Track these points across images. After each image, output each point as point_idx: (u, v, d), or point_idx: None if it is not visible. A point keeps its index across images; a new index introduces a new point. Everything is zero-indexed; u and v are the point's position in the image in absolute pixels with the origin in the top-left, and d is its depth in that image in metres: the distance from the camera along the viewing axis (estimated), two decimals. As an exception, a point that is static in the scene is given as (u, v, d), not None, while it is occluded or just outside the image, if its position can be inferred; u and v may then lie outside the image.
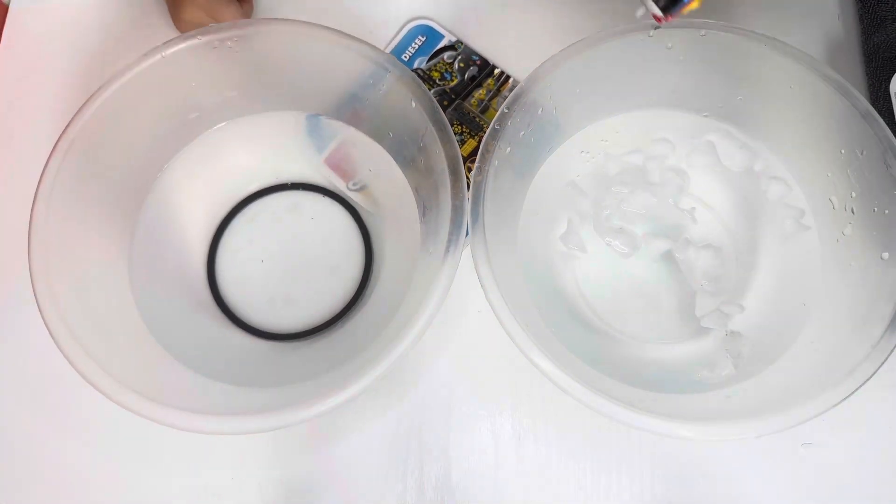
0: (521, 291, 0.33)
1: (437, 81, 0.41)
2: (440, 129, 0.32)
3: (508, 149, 0.32)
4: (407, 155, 0.35)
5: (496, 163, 0.31)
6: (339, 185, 0.39)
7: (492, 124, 0.32)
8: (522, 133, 0.33)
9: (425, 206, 0.34)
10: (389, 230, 0.38)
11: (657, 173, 0.36)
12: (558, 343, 0.32)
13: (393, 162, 0.36)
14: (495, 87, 0.41)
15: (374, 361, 0.28)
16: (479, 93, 0.41)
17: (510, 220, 0.34)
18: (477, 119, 0.41)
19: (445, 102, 0.41)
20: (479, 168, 0.31)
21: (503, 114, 0.32)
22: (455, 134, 0.39)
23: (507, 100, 0.32)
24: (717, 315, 0.34)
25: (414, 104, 0.32)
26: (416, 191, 0.35)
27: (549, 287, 0.36)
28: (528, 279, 0.34)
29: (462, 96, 0.41)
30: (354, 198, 0.38)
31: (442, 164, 0.31)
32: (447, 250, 0.30)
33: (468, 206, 0.30)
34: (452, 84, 0.41)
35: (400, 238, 0.37)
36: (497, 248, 0.31)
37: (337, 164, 0.39)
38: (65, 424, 0.36)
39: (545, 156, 0.36)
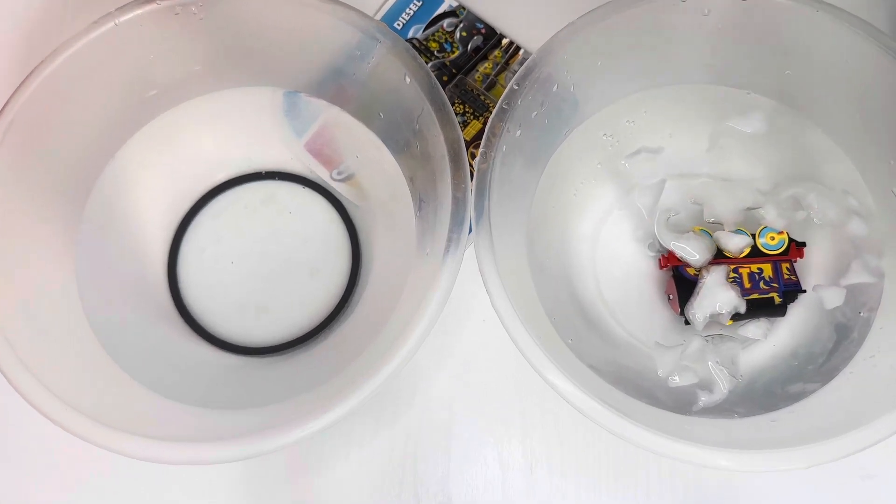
0: (533, 297, 0.33)
1: (435, 53, 0.41)
2: (439, 109, 0.31)
3: (518, 131, 0.32)
4: (400, 139, 0.35)
5: (504, 148, 0.31)
6: (321, 173, 0.39)
7: (499, 103, 0.31)
8: (535, 113, 0.33)
9: (422, 199, 0.34)
10: (380, 227, 0.38)
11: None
12: (575, 358, 0.32)
13: (384, 147, 0.36)
14: (503, 60, 0.41)
15: (361, 379, 0.28)
16: (485, 66, 0.41)
17: (520, 215, 0.34)
18: (482, 97, 0.40)
19: (445, 78, 0.41)
20: (484, 154, 0.31)
21: (512, 91, 0.32)
22: (456, 115, 0.38)
23: (516, 75, 0.32)
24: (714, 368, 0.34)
25: (408, 80, 0.32)
26: (411, 181, 0.35)
27: (564, 292, 0.36)
28: (540, 283, 0.34)
29: (464, 71, 0.41)
30: (339, 189, 0.39)
31: (441, 149, 0.31)
32: (447, 250, 0.30)
33: (471, 198, 0.30)
34: (453, 56, 0.41)
35: (392, 236, 0.37)
36: (505, 248, 0.31)
37: (319, 150, 0.39)
38: (4, 451, 0.36)
39: (561, 139, 0.36)
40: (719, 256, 0.35)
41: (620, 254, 0.38)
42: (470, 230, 0.30)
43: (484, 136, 0.31)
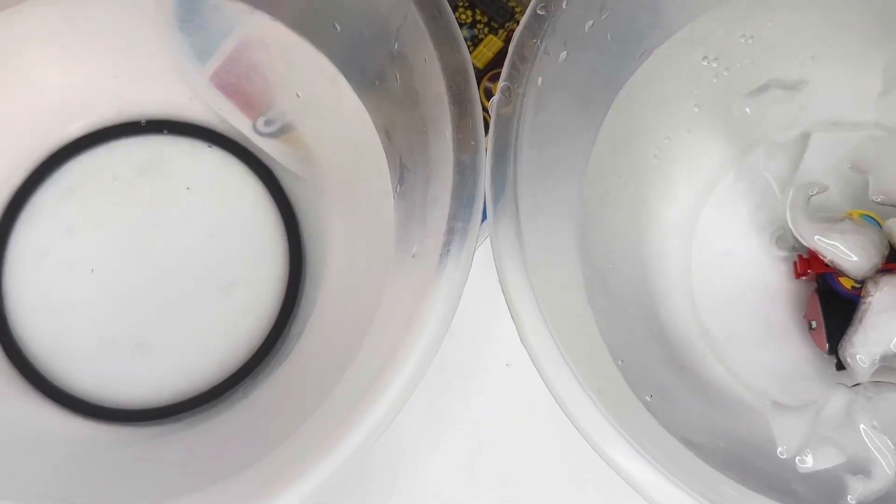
0: (588, 328, 0.33)
1: None
2: (432, 17, 0.31)
3: (563, 54, 0.32)
4: (369, 67, 0.35)
5: (540, 81, 0.31)
6: (238, 124, 0.39)
7: (531, 7, 0.31)
8: (590, 23, 0.33)
9: (404, 167, 0.34)
10: (335, 211, 0.38)
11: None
12: (660, 426, 0.32)
13: (342, 80, 0.36)
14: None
15: (307, 461, 0.28)
16: None
17: (567, 192, 0.34)
18: None
19: None
20: (507, 91, 0.31)
21: None
22: (462, 25, 0.38)
23: None
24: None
25: None
26: (387, 136, 0.35)
27: (640, 319, 0.37)
28: (600, 304, 0.34)
29: None
30: (269, 149, 0.39)
31: (436, 84, 0.31)
32: (446, 250, 0.30)
33: (487, 165, 0.30)
34: None
35: (356, 226, 0.37)
36: (542, 247, 0.31)
37: (235, 85, 0.38)
38: None
39: (633, 67, 0.36)
40: (894, 261, 0.35)
41: (731, 254, 0.38)
42: (485, 217, 0.30)
43: (506, 63, 0.31)
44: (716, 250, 0.38)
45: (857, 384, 0.35)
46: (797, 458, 0.33)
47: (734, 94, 0.38)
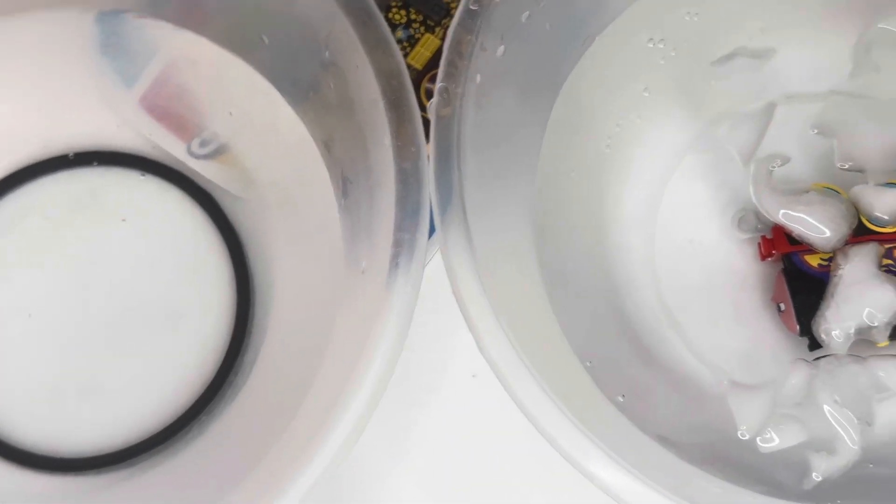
0: (551, 329, 0.33)
1: None
2: (361, 21, 0.31)
3: (501, 48, 0.32)
4: (302, 78, 0.35)
5: (478, 79, 0.31)
6: (172, 148, 0.38)
7: (462, 4, 0.31)
8: (527, 14, 0.32)
9: (346, 179, 0.34)
10: (281, 231, 0.37)
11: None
12: (633, 427, 0.31)
13: (275, 93, 0.36)
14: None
15: (270, 497, 0.28)
16: None
17: (519, 190, 0.34)
18: None
19: None
20: (445, 91, 0.30)
21: None
22: (397, 25, 0.38)
23: None
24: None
25: None
26: (327, 147, 0.35)
27: (605, 315, 0.36)
28: (562, 304, 0.33)
29: None
30: (206, 172, 0.38)
31: (370, 90, 0.31)
32: (394, 263, 0.29)
33: (430, 170, 0.30)
34: None
35: (303, 244, 0.36)
36: (495, 250, 0.31)
37: (165, 108, 0.38)
38: None
39: (576, 54, 0.35)
40: (862, 232, 0.34)
41: (695, 240, 0.38)
42: (432, 228, 0.30)
43: (442, 62, 0.31)
44: (679, 238, 0.38)
45: (818, 358, 0.34)
46: (758, 437, 0.33)
47: (691, 70, 0.37)
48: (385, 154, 0.30)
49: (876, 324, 0.33)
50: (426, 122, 0.30)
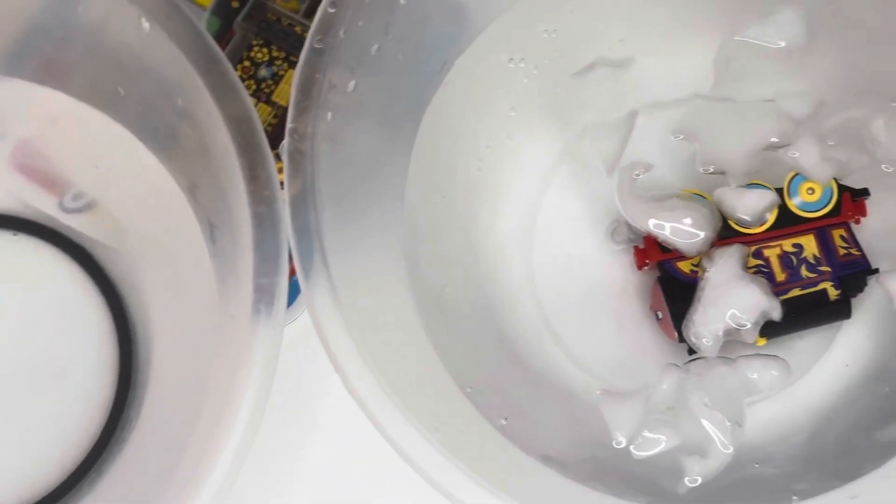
0: (428, 360, 0.32)
1: None
2: (206, 69, 0.31)
3: (352, 82, 0.32)
4: (161, 127, 0.35)
5: (329, 116, 0.31)
6: (43, 205, 0.38)
7: (308, 42, 0.31)
8: (377, 47, 0.32)
9: (213, 224, 0.34)
10: (158, 279, 0.37)
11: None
12: (516, 449, 0.31)
13: (139, 144, 0.36)
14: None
15: None
16: None
17: (385, 224, 0.34)
18: (299, 30, 0.40)
19: (235, 3, 0.40)
20: (295, 132, 0.30)
21: (326, 16, 0.31)
22: (261, 64, 0.39)
23: None
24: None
25: (146, 25, 0.31)
26: (192, 194, 0.35)
27: (486, 339, 0.36)
28: (440, 333, 0.33)
29: None
30: (78, 225, 0.38)
31: (222, 136, 0.31)
32: (257, 309, 0.29)
33: (287, 210, 0.30)
34: None
35: (178, 292, 0.36)
36: (362, 289, 0.30)
37: (32, 165, 0.38)
38: None
39: (436, 80, 0.35)
40: (731, 234, 0.35)
41: (572, 255, 0.38)
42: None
43: (291, 103, 0.31)
44: (557, 253, 0.38)
45: (689, 361, 0.34)
46: (632, 444, 0.33)
47: (553, 85, 0.37)
48: (241, 200, 0.30)
49: (744, 324, 0.33)
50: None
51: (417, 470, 0.28)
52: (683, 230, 0.34)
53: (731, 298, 0.33)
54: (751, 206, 0.34)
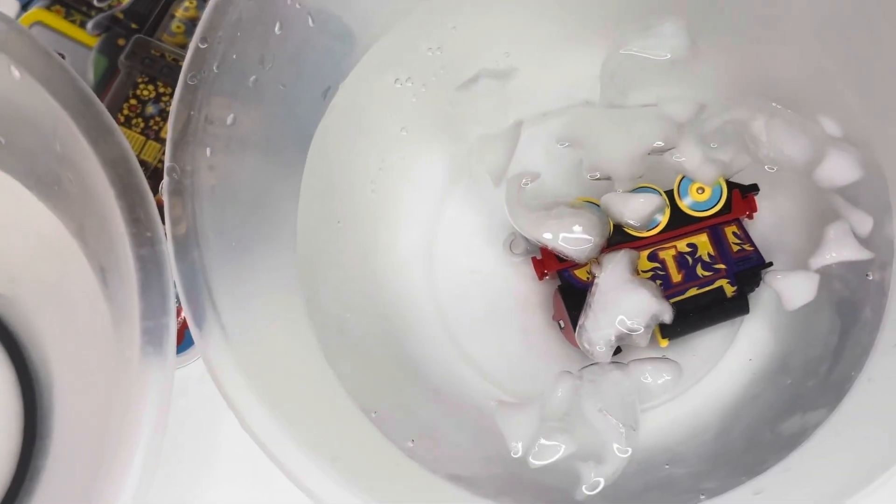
0: (329, 390, 0.32)
1: (94, 3, 0.40)
2: (79, 112, 0.30)
3: (231, 116, 0.31)
4: (43, 173, 0.34)
5: (208, 151, 0.31)
6: None
7: (180, 81, 0.30)
8: (254, 79, 0.32)
9: (103, 268, 0.33)
10: (54, 324, 0.36)
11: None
12: (425, 471, 0.31)
13: (24, 190, 0.35)
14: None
15: None
16: (185, 7, 0.40)
17: (277, 256, 0.33)
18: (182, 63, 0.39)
19: (122, 41, 0.40)
20: (174, 171, 0.30)
21: (198, 53, 0.31)
22: (147, 101, 0.39)
23: (200, 21, 0.31)
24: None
25: (16, 73, 0.31)
26: (81, 238, 0.34)
27: (390, 361, 0.36)
28: (343, 360, 0.33)
29: (150, 24, 0.40)
30: None
31: (100, 179, 0.30)
32: (145, 352, 0.29)
33: (169, 255, 0.30)
34: (127, 1, 0.40)
35: (76, 339, 0.35)
36: (253, 324, 0.30)
37: None
38: None
39: (321, 106, 0.35)
40: (623, 240, 0.35)
41: (475, 270, 0.38)
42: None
43: (167, 142, 0.30)
44: (459, 270, 0.38)
45: (583, 368, 0.35)
46: (528, 454, 0.33)
47: (439, 100, 0.37)
48: (124, 242, 0.29)
49: (636, 329, 0.34)
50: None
51: (316, 501, 0.28)
52: (572, 237, 0.34)
53: (621, 303, 0.33)
54: (637, 211, 0.35)
